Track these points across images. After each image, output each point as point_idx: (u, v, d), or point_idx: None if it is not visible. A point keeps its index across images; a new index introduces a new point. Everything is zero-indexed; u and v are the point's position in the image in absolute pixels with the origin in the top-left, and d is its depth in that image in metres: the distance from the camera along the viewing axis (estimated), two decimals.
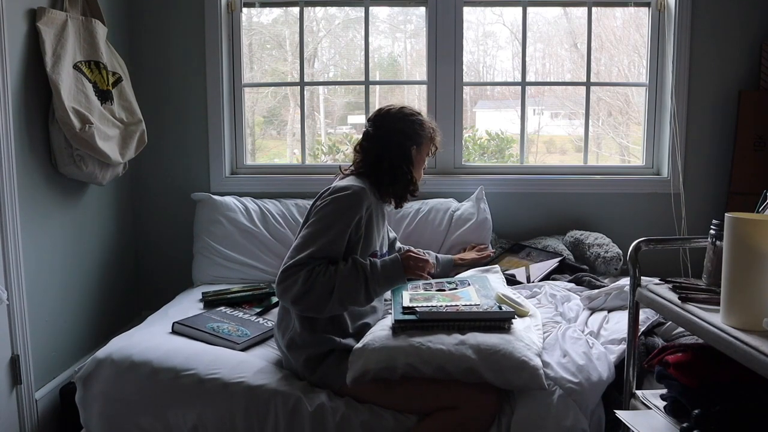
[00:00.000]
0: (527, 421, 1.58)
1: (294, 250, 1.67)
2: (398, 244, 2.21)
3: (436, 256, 2.30)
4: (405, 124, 1.86)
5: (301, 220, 2.54)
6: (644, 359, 1.51)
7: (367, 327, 1.77)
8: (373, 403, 1.65)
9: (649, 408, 1.40)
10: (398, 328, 1.65)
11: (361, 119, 2.96)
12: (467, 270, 2.23)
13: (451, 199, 2.68)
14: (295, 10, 2.85)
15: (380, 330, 1.68)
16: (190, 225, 2.64)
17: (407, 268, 1.74)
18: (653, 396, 1.43)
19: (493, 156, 3.06)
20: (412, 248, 2.13)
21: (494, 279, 2.05)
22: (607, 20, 2.99)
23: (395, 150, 1.83)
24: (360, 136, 1.92)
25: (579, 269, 2.41)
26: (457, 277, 2.09)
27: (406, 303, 1.72)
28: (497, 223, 2.69)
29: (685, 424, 1.22)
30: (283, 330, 1.77)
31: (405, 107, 1.90)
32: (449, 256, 2.36)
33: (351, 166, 1.92)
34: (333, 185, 1.78)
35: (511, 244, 2.69)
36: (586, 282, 2.24)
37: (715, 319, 1.17)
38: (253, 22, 2.98)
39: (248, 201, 2.67)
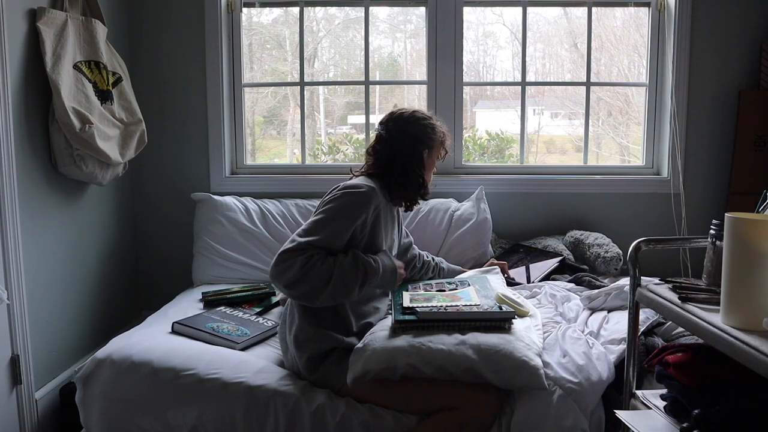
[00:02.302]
0: (527, 421, 1.58)
1: (295, 235, 1.67)
2: (416, 249, 2.18)
3: (442, 266, 2.25)
4: (417, 128, 1.87)
5: (301, 221, 2.57)
6: (644, 359, 1.51)
7: (370, 327, 1.77)
8: (374, 403, 1.65)
9: (649, 408, 1.40)
10: (398, 328, 1.66)
11: (361, 119, 2.96)
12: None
13: (451, 199, 2.68)
14: (295, 10, 2.85)
15: (381, 330, 1.68)
16: (190, 225, 2.64)
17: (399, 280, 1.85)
18: (653, 396, 1.43)
19: (493, 156, 3.06)
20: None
21: (494, 279, 2.05)
22: (607, 20, 2.99)
23: (408, 154, 1.85)
24: (361, 137, 1.93)
25: (579, 269, 2.41)
26: (457, 277, 2.09)
27: (407, 303, 1.72)
28: (497, 223, 2.70)
29: (685, 424, 1.22)
30: (289, 326, 1.78)
31: (417, 111, 1.91)
32: (458, 267, 2.29)
33: (362, 167, 1.92)
34: (344, 183, 1.79)
35: (511, 244, 2.70)
36: (586, 282, 2.25)
37: (715, 319, 1.17)
38: (253, 22, 2.98)
39: (248, 201, 2.67)
